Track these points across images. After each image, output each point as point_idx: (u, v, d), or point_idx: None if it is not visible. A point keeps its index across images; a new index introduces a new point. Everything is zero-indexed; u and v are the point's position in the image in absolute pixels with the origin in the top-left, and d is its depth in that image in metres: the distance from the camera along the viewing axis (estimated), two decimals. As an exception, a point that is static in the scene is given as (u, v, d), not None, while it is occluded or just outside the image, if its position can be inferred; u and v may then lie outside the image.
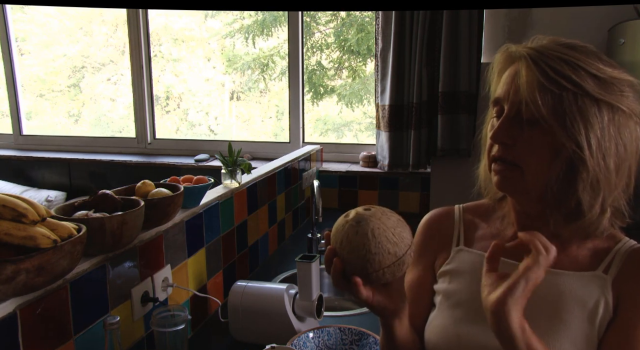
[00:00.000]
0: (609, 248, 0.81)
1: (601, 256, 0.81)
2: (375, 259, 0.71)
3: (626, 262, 0.78)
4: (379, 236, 0.71)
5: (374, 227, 0.72)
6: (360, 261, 0.71)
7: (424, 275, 0.93)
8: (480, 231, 0.92)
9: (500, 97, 0.77)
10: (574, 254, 0.82)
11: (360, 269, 0.72)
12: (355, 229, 0.72)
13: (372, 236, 0.71)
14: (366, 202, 2.60)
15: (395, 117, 2.49)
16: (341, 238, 0.73)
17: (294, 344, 1.18)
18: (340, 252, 0.73)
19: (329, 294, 1.87)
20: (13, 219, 0.84)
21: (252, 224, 1.81)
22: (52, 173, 2.94)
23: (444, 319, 0.85)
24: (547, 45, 0.75)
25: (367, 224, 0.72)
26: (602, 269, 0.79)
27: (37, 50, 3.32)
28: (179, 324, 1.14)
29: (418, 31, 2.37)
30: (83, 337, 0.98)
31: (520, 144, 0.74)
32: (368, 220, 0.72)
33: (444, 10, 2.27)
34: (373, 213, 0.74)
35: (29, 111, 3.36)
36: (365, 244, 0.71)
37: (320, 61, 3.01)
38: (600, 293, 0.77)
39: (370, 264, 0.71)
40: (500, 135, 0.75)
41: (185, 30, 3.17)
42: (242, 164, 1.67)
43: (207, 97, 3.23)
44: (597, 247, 0.82)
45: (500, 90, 0.77)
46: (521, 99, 0.73)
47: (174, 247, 1.30)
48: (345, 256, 0.73)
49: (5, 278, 0.79)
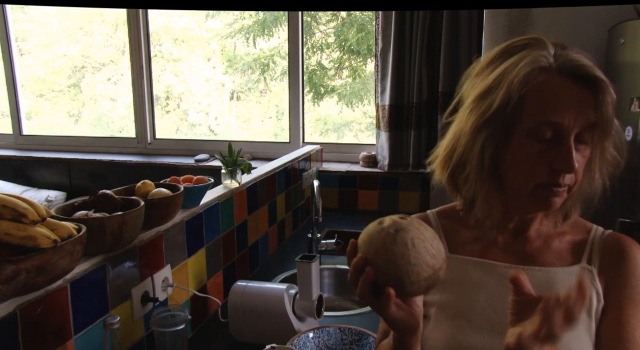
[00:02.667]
0: (585, 239, 0.84)
1: (580, 248, 0.84)
2: (414, 270, 0.66)
3: (604, 250, 0.82)
4: (419, 246, 0.67)
5: (414, 236, 0.67)
6: (398, 271, 0.66)
7: None
8: (461, 236, 0.90)
9: (562, 123, 0.72)
10: (558, 249, 0.84)
11: (396, 279, 0.66)
12: (394, 237, 0.67)
13: (412, 246, 0.66)
14: (366, 202, 2.62)
15: (395, 117, 2.49)
16: (376, 246, 0.68)
17: (294, 344, 1.18)
18: (374, 261, 0.67)
19: (329, 294, 1.87)
20: (13, 219, 0.84)
21: (252, 224, 1.81)
22: (52, 173, 2.94)
23: (445, 331, 0.82)
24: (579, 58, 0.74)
25: (406, 233, 0.67)
26: (585, 261, 0.82)
27: (37, 50, 3.32)
28: (179, 324, 1.14)
29: (418, 31, 2.37)
30: (83, 337, 0.98)
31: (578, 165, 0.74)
32: (407, 229, 0.68)
33: (444, 10, 2.27)
34: (410, 222, 0.69)
35: (29, 111, 3.36)
36: (405, 254, 0.66)
37: (321, 61, 3.01)
38: (590, 285, 0.79)
39: (408, 275, 0.66)
40: (574, 164, 0.72)
41: (186, 30, 3.17)
42: (242, 164, 1.67)
43: (207, 97, 3.23)
44: (574, 239, 0.85)
45: (561, 113, 0.71)
46: (596, 121, 0.72)
47: (174, 247, 1.30)
48: (380, 265, 0.67)
49: (5, 278, 0.79)
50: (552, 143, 0.73)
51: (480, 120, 0.76)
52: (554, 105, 0.72)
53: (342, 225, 2.36)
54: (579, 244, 0.84)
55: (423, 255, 0.66)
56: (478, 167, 0.78)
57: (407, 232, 0.67)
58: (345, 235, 2.15)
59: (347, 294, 1.87)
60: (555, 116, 0.71)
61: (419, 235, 0.68)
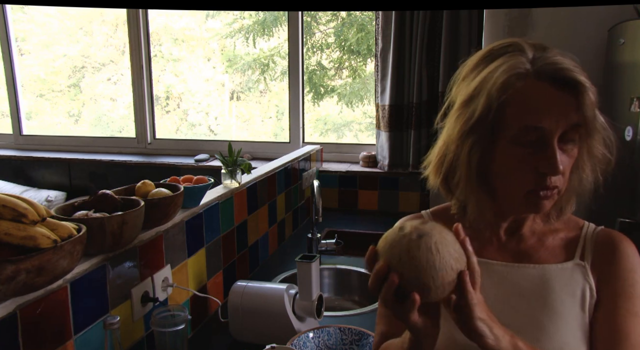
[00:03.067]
0: (577, 236, 0.85)
1: (573, 245, 0.85)
2: (439, 275, 0.66)
3: (596, 246, 0.83)
4: (442, 251, 0.67)
5: (437, 241, 0.68)
6: (423, 277, 0.67)
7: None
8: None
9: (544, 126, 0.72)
10: (551, 246, 0.85)
11: (422, 285, 0.67)
12: (417, 243, 0.67)
13: (436, 251, 0.67)
14: (366, 202, 2.62)
15: (395, 117, 2.49)
16: (399, 253, 0.68)
17: (294, 344, 1.18)
18: (398, 268, 0.68)
19: (329, 294, 1.87)
20: (13, 219, 0.84)
21: (252, 224, 1.81)
22: (52, 173, 2.94)
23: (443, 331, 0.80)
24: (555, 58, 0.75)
25: (429, 238, 0.68)
26: (578, 257, 0.83)
27: (37, 50, 3.32)
28: (179, 324, 1.14)
29: (418, 31, 2.37)
30: (83, 337, 0.98)
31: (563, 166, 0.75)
32: (430, 235, 0.68)
33: (444, 10, 2.27)
34: (432, 226, 0.70)
35: (29, 111, 3.36)
36: (430, 259, 0.66)
37: (321, 61, 3.01)
38: (584, 280, 0.80)
39: (433, 280, 0.66)
40: (559, 167, 0.73)
41: (186, 30, 3.17)
42: (242, 164, 1.67)
43: (207, 97, 3.23)
44: (567, 236, 0.86)
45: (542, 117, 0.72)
46: (579, 121, 0.73)
47: (174, 247, 1.30)
48: (404, 272, 0.67)
49: (5, 278, 0.79)
50: (536, 147, 0.74)
51: (465, 128, 0.78)
52: (534, 110, 0.73)
53: (342, 225, 2.36)
54: (572, 240, 0.85)
55: (447, 260, 0.67)
56: (467, 173, 0.79)
57: (431, 237, 0.68)
58: (345, 235, 2.15)
59: (347, 294, 1.87)
60: (536, 120, 0.73)
61: (442, 239, 0.68)
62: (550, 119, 0.72)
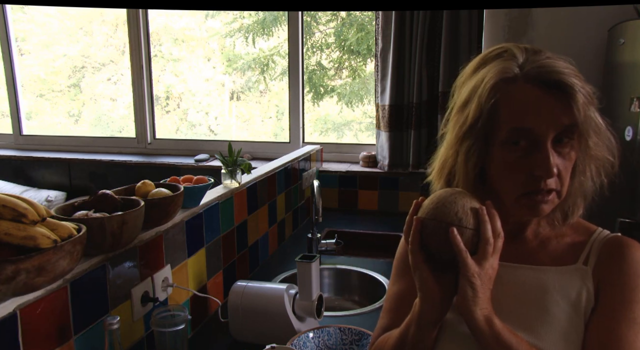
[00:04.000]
0: (585, 241, 0.84)
1: (579, 249, 0.84)
2: (463, 218, 0.74)
3: (602, 251, 0.82)
4: (466, 207, 0.75)
5: (464, 199, 0.77)
6: (453, 213, 0.75)
7: (407, 288, 0.91)
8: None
9: (534, 129, 0.73)
10: (554, 250, 0.84)
11: (445, 226, 0.75)
12: (447, 198, 0.77)
13: (462, 205, 0.76)
14: (366, 202, 2.61)
15: (395, 117, 2.49)
16: (429, 205, 0.78)
17: (294, 344, 1.18)
18: (428, 210, 0.77)
19: (329, 294, 1.87)
20: (13, 219, 0.84)
21: (252, 224, 1.81)
22: (52, 173, 2.94)
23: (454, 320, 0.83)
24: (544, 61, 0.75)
25: (458, 195, 0.77)
26: (582, 262, 0.82)
27: (37, 50, 3.32)
28: (179, 324, 1.14)
29: (418, 31, 2.37)
30: (83, 337, 0.98)
31: (559, 168, 0.75)
32: (461, 193, 0.78)
33: (444, 10, 2.27)
34: (463, 193, 0.79)
35: (29, 111, 3.36)
36: (457, 201, 0.76)
37: (321, 61, 3.01)
38: (581, 283, 0.80)
39: (460, 220, 0.74)
40: (552, 169, 0.73)
41: (186, 30, 3.17)
42: (242, 164, 1.67)
43: (207, 97, 3.23)
44: (574, 241, 0.85)
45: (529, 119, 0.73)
46: (571, 123, 0.73)
47: (174, 247, 1.30)
48: (433, 212, 0.76)
49: (5, 278, 0.79)
50: (529, 150, 0.74)
51: (460, 133, 0.80)
52: (524, 112, 0.74)
53: (342, 225, 2.36)
54: (578, 245, 0.84)
55: (468, 210, 0.75)
56: (465, 177, 0.81)
57: (461, 196, 0.77)
58: (345, 235, 2.15)
59: (347, 294, 1.87)
60: (526, 123, 0.73)
61: (469, 200, 0.77)
62: (539, 120, 0.73)
